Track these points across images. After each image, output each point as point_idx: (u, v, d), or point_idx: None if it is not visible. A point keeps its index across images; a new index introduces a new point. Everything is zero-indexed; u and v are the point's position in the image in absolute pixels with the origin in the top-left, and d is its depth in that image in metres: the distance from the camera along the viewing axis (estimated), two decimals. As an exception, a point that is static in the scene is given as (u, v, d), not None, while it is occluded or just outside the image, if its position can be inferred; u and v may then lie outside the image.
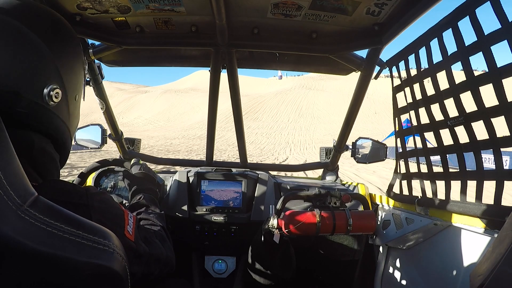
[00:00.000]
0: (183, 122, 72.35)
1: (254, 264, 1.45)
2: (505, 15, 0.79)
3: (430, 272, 1.22)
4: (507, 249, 0.49)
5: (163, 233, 0.88)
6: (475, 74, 0.94)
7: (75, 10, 1.10)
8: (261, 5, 1.06)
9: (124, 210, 0.69)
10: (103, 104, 1.64)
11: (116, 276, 0.50)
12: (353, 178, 10.51)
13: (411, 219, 1.30)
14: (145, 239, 0.74)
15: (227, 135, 37.85)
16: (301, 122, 69.08)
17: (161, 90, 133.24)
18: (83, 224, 0.48)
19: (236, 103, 1.67)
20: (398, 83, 1.36)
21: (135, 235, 0.69)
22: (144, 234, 0.76)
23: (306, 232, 1.22)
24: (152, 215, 0.94)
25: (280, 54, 1.52)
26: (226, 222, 1.59)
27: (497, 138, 0.89)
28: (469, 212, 0.96)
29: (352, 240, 1.60)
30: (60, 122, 0.66)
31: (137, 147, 2.02)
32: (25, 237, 0.41)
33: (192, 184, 1.66)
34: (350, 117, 1.65)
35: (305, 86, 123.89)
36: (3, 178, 0.41)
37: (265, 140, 39.10)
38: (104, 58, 1.51)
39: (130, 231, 0.67)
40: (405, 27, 1.07)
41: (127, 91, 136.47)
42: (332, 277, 1.78)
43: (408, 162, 1.39)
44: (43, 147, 0.64)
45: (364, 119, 74.40)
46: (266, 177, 1.71)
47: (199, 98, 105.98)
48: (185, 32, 1.27)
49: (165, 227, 0.93)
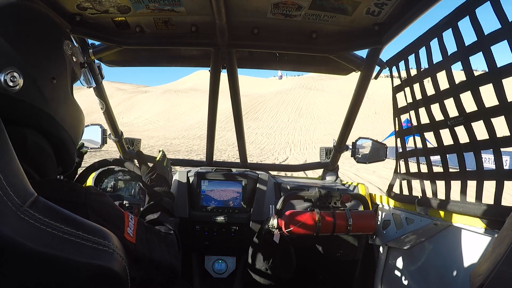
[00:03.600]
0: (183, 122, 72.32)
1: (254, 264, 1.45)
2: (505, 15, 0.79)
3: (430, 272, 1.22)
4: (507, 249, 0.49)
5: (174, 238, 0.85)
6: (475, 74, 0.94)
7: (75, 10, 1.10)
8: (261, 5, 1.06)
9: (124, 212, 0.68)
10: (103, 104, 1.64)
11: (116, 276, 0.49)
12: (353, 178, 10.51)
13: (411, 219, 1.30)
14: (151, 242, 0.72)
15: (227, 135, 37.84)
16: (301, 122, 69.08)
17: (161, 90, 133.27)
18: (83, 225, 0.48)
19: (236, 103, 1.67)
20: (398, 83, 1.36)
21: (137, 237, 0.67)
22: (151, 237, 0.73)
23: (306, 232, 1.22)
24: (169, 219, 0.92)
25: (280, 54, 1.52)
26: (226, 222, 1.59)
27: (497, 138, 0.89)
28: (469, 212, 0.96)
29: (352, 240, 1.60)
30: (33, 108, 0.61)
31: (137, 147, 2.02)
32: (24, 238, 0.41)
33: (192, 184, 1.66)
34: (350, 117, 1.65)
35: (305, 86, 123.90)
36: (3, 179, 0.41)
37: (265, 140, 39.10)
38: (104, 58, 1.51)
39: (131, 233, 0.65)
40: (405, 27, 1.07)
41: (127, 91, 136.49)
42: (332, 277, 1.78)
43: (408, 162, 1.39)
44: (36, 142, 0.63)
45: (364, 119, 74.41)
46: (266, 177, 1.71)
47: (199, 98, 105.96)
48: (185, 32, 1.27)
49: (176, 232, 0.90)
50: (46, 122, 0.65)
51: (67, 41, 0.71)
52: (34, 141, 0.63)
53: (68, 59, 0.71)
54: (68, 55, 0.72)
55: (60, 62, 0.69)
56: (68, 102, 0.71)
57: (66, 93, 0.71)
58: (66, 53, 0.71)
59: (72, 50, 0.73)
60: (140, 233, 0.69)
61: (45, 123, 0.64)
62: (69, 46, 0.72)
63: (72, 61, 0.73)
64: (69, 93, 0.72)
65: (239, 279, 1.64)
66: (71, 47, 0.73)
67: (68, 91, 0.71)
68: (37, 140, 0.63)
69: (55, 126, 0.67)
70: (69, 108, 0.71)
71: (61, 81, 0.69)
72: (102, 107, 1.65)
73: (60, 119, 0.68)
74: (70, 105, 0.72)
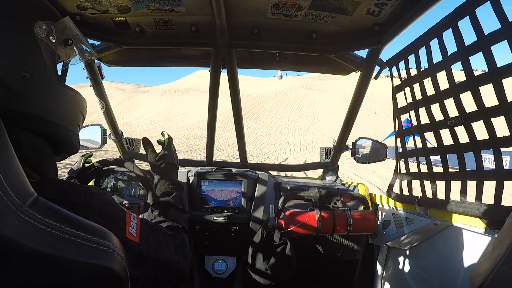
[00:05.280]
0: (183, 122, 72.29)
1: (254, 264, 1.45)
2: (505, 15, 0.79)
3: (430, 272, 1.22)
4: (507, 249, 0.49)
5: (184, 237, 0.82)
6: (475, 74, 0.94)
7: (75, 10, 1.10)
8: (261, 5, 1.06)
9: (126, 211, 0.66)
10: (103, 104, 1.64)
11: (116, 276, 0.49)
12: (353, 178, 10.51)
13: (411, 219, 1.30)
14: (158, 242, 0.70)
15: (227, 135, 37.84)
16: (301, 122, 69.09)
17: (161, 90, 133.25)
18: (83, 225, 0.48)
19: (236, 103, 1.67)
20: (398, 83, 1.36)
21: (141, 236, 0.65)
22: (158, 236, 0.71)
23: (306, 232, 1.23)
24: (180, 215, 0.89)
25: (280, 54, 1.52)
26: (226, 222, 1.59)
27: (497, 138, 0.89)
28: (469, 212, 0.96)
29: (352, 240, 1.60)
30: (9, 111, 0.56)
31: (137, 147, 2.02)
32: (25, 238, 0.41)
33: (192, 184, 1.66)
34: (350, 117, 1.65)
35: (305, 86, 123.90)
36: (3, 179, 0.41)
37: (265, 140, 39.10)
38: (104, 58, 1.51)
39: (134, 232, 0.63)
40: (405, 27, 1.07)
41: (127, 91, 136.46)
42: (332, 277, 1.78)
43: (408, 162, 1.39)
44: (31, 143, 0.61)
45: (364, 119, 74.40)
46: (266, 177, 1.71)
47: (199, 98, 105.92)
48: (185, 32, 1.27)
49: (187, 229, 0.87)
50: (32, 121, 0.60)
51: (38, 22, 0.61)
52: (29, 143, 0.61)
53: (43, 42, 0.62)
54: (43, 38, 0.62)
55: (30, 51, 0.60)
56: (52, 91, 0.64)
57: (47, 83, 0.63)
58: (40, 36, 0.61)
59: (47, 31, 0.62)
60: (144, 232, 0.67)
61: (31, 122, 0.60)
62: (42, 28, 0.61)
63: (51, 42, 0.63)
64: (52, 82, 0.64)
65: (239, 279, 1.64)
66: (45, 28, 0.62)
67: (49, 80, 0.64)
68: (31, 141, 0.61)
69: (42, 124, 0.62)
70: (55, 98, 0.64)
71: (37, 72, 0.61)
72: (102, 107, 1.65)
73: (46, 113, 0.62)
74: (56, 93, 0.65)
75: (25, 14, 0.60)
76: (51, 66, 0.65)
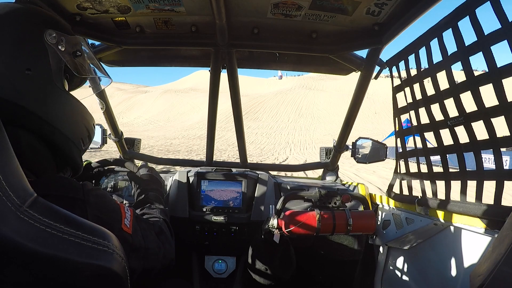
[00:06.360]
0: (183, 122, 72.30)
1: (254, 264, 1.45)
2: (505, 15, 0.79)
3: (430, 272, 1.22)
4: (507, 249, 0.49)
5: (163, 225, 0.87)
6: (475, 74, 0.94)
7: (75, 10, 1.10)
8: (261, 5, 1.06)
9: (120, 204, 0.69)
10: (103, 104, 1.64)
11: (116, 276, 0.49)
12: (353, 178, 10.51)
13: (411, 219, 1.30)
14: (144, 230, 0.74)
15: (227, 135, 37.84)
16: (301, 122, 69.08)
17: (161, 90, 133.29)
18: (83, 225, 0.48)
19: (236, 103, 1.67)
20: (398, 83, 1.36)
21: (133, 227, 0.68)
22: (143, 226, 0.75)
23: (306, 232, 1.22)
24: (155, 210, 0.94)
25: (280, 54, 1.52)
26: (226, 222, 1.59)
27: (497, 138, 0.89)
28: (469, 212, 0.96)
29: (352, 240, 1.60)
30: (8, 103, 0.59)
31: (137, 147, 2.02)
32: (24, 238, 0.41)
33: (192, 184, 1.66)
34: (350, 117, 1.65)
35: (305, 86, 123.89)
36: (2, 179, 0.41)
37: (265, 140, 39.09)
38: (104, 58, 1.51)
39: (128, 224, 0.67)
40: (405, 27, 1.07)
41: (127, 91, 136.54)
42: (332, 277, 1.78)
43: (408, 162, 1.39)
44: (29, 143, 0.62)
45: (364, 119, 74.40)
46: (266, 177, 1.71)
47: (199, 98, 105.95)
48: (185, 32, 1.27)
49: (167, 220, 0.93)
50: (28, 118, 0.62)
51: (49, 30, 0.67)
52: (28, 142, 0.61)
53: (51, 49, 0.66)
54: (52, 45, 0.66)
55: (36, 52, 0.64)
56: (54, 94, 0.66)
57: (50, 85, 0.66)
58: (49, 43, 0.66)
59: (57, 39, 0.67)
60: (134, 223, 0.70)
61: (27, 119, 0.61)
62: (52, 36, 0.66)
63: (59, 50, 0.68)
64: (55, 86, 0.67)
65: (239, 279, 1.64)
66: (55, 36, 0.67)
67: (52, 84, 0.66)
68: (30, 141, 0.62)
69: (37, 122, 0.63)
70: (55, 101, 0.66)
71: (41, 73, 0.64)
72: (102, 107, 1.65)
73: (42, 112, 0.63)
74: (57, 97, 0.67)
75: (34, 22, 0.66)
76: (57, 72, 0.68)
